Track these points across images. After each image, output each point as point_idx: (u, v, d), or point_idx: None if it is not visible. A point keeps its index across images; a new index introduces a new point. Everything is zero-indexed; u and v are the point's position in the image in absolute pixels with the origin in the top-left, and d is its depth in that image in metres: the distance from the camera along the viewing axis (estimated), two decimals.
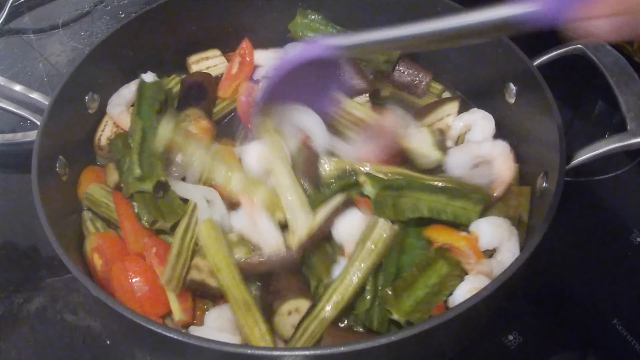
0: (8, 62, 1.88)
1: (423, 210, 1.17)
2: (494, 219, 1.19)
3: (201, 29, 1.60)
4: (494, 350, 1.21)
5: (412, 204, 1.18)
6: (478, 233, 1.17)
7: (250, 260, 1.15)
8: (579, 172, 1.18)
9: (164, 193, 1.27)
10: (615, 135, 1.18)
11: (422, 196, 1.18)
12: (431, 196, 1.18)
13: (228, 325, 1.12)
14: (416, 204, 1.18)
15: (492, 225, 1.17)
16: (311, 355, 0.89)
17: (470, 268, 1.12)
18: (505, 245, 1.16)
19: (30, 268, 1.37)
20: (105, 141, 1.38)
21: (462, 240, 1.15)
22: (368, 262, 1.12)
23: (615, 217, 1.45)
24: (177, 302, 1.13)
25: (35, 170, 1.16)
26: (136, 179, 1.22)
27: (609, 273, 1.34)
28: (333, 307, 1.09)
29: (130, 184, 1.23)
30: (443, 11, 1.48)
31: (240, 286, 1.12)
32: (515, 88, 1.38)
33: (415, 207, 1.18)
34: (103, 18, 2.03)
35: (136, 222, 1.22)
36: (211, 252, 1.15)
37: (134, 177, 1.22)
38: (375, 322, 1.09)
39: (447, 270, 1.11)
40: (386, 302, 1.08)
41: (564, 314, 1.27)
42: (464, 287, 1.10)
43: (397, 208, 1.18)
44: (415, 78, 1.54)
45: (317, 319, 1.09)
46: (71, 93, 1.33)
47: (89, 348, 1.24)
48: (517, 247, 1.17)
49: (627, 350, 1.21)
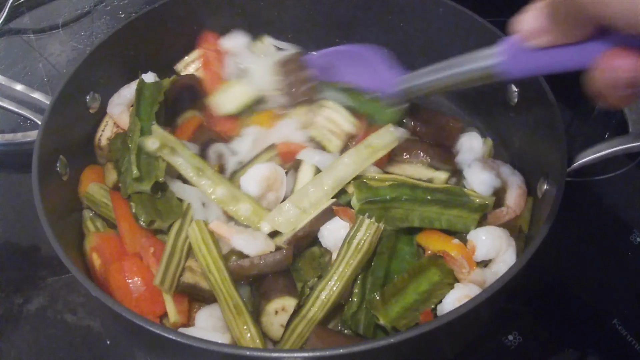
0: (8, 62, 1.88)
1: (414, 221, 1.16)
2: (492, 229, 1.18)
3: (202, 28, 1.60)
4: (494, 350, 1.21)
5: (402, 214, 1.16)
6: (475, 243, 1.16)
7: (242, 263, 1.14)
8: (579, 172, 1.18)
9: (162, 193, 1.26)
10: (617, 138, 1.18)
11: (413, 207, 1.16)
12: (423, 207, 1.16)
13: (219, 324, 1.12)
14: (407, 215, 1.16)
15: (490, 236, 1.16)
16: (310, 356, 0.88)
17: (462, 277, 1.11)
18: (502, 256, 1.16)
19: (30, 268, 1.37)
20: (105, 141, 1.38)
21: (455, 248, 1.14)
22: (354, 261, 1.11)
23: (615, 217, 1.45)
24: (172, 304, 1.13)
25: (35, 170, 1.16)
26: (134, 180, 1.22)
27: (609, 273, 1.34)
28: (320, 307, 1.09)
29: (128, 185, 1.23)
30: (444, 13, 1.48)
31: (230, 289, 1.11)
32: (516, 90, 1.38)
33: (406, 217, 1.16)
34: (103, 18, 2.03)
35: (134, 222, 1.22)
36: (202, 254, 1.15)
37: (132, 178, 1.22)
38: (362, 326, 1.09)
39: (439, 278, 1.10)
40: (373, 307, 1.07)
41: (564, 314, 1.28)
42: (454, 294, 1.08)
43: (386, 218, 1.15)
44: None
45: (305, 319, 1.09)
46: (72, 93, 1.33)
47: (89, 348, 1.24)
48: (513, 258, 1.17)
49: (627, 350, 1.22)
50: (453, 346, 1.17)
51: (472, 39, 1.46)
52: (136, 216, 1.20)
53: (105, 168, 1.33)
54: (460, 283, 1.11)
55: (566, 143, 1.16)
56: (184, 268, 1.16)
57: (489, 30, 1.41)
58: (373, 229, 1.12)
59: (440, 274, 1.11)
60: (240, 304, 1.10)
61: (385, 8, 1.56)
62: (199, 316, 1.15)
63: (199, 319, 1.15)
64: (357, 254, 1.11)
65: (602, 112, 1.67)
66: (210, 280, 1.13)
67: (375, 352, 0.88)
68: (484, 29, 1.41)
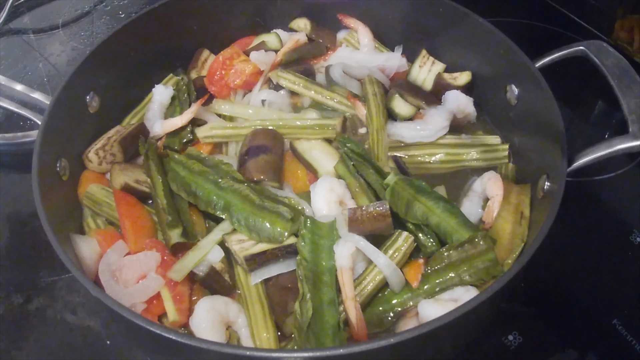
0: (8, 62, 1.88)
1: (432, 223, 1.18)
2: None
3: (202, 28, 1.60)
4: (494, 350, 1.21)
5: (423, 212, 1.18)
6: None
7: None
8: (579, 172, 1.18)
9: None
10: (617, 138, 1.18)
11: (434, 209, 1.18)
12: (443, 214, 1.17)
13: (218, 317, 1.12)
14: (427, 214, 1.18)
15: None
16: (310, 356, 0.89)
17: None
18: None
19: (30, 268, 1.37)
20: (94, 154, 1.35)
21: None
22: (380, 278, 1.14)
23: (615, 217, 1.45)
24: (172, 303, 1.13)
25: (35, 170, 1.16)
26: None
27: (609, 273, 1.34)
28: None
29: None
30: (445, 12, 1.49)
31: (258, 287, 1.15)
32: (517, 90, 1.38)
33: (425, 217, 1.18)
34: (103, 18, 2.03)
35: (137, 222, 1.22)
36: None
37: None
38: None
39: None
40: None
41: (564, 314, 1.28)
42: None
43: (409, 208, 1.19)
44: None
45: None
46: (72, 93, 1.33)
47: (89, 348, 1.24)
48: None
49: (627, 350, 1.22)
50: (453, 346, 1.17)
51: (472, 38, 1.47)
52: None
53: (112, 170, 1.32)
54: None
55: (566, 143, 1.16)
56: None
57: (489, 30, 1.41)
58: (409, 241, 1.15)
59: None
60: (264, 297, 1.13)
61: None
62: (199, 307, 1.13)
63: (198, 309, 1.13)
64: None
65: (602, 112, 1.67)
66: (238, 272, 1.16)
67: (375, 352, 0.88)
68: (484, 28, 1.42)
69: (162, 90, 1.50)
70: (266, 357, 0.89)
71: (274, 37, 1.61)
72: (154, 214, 1.27)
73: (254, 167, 1.28)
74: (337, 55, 1.60)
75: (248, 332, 1.13)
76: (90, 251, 1.20)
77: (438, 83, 1.51)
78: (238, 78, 1.50)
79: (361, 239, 1.15)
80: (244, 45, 1.64)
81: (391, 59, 1.55)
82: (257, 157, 1.29)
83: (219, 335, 1.10)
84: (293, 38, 1.60)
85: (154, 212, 1.27)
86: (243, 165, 1.30)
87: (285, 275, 1.15)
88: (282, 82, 1.49)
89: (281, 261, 1.16)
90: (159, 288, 1.13)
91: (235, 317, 1.14)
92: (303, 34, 1.63)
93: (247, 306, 1.14)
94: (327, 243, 1.15)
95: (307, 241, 1.14)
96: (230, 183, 1.23)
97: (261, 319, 1.12)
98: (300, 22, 1.66)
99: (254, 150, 1.31)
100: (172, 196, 1.26)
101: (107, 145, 1.36)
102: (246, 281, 1.16)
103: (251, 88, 1.52)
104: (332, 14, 1.66)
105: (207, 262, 1.16)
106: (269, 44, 1.60)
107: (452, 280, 1.12)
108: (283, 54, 1.55)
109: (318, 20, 1.67)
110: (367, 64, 1.55)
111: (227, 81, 1.51)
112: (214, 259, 1.17)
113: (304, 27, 1.65)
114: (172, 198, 1.26)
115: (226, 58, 1.53)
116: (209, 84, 1.53)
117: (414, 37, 1.60)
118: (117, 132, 1.39)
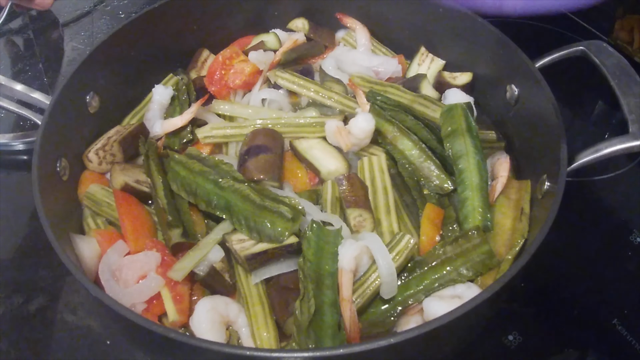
0: (8, 62, 1.88)
1: (460, 168, 1.26)
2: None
3: (202, 28, 1.60)
4: (494, 350, 1.21)
5: (458, 151, 1.28)
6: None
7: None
8: (579, 172, 1.18)
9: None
10: (617, 138, 1.18)
11: (471, 159, 1.26)
12: (475, 178, 1.24)
13: (218, 317, 1.12)
14: (461, 158, 1.27)
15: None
16: (310, 356, 0.89)
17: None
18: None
19: (30, 268, 1.37)
20: (94, 155, 1.36)
21: None
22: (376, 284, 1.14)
23: (615, 217, 1.45)
24: (172, 303, 1.13)
25: (35, 170, 1.16)
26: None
27: (609, 273, 1.34)
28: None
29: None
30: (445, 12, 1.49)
31: (259, 287, 1.15)
32: (517, 90, 1.38)
33: (458, 155, 1.27)
34: (103, 18, 2.03)
35: (137, 222, 1.23)
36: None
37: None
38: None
39: None
40: None
41: (564, 314, 1.28)
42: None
43: (453, 137, 1.28)
44: None
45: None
46: (72, 93, 1.33)
47: (89, 348, 1.24)
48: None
49: (627, 350, 1.22)
50: (453, 346, 1.17)
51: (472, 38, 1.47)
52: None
53: (112, 170, 1.32)
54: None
55: (566, 143, 1.16)
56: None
57: (489, 30, 1.41)
58: (412, 242, 1.16)
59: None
60: (264, 297, 1.14)
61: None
62: (199, 306, 1.13)
63: (199, 309, 1.13)
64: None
65: (602, 112, 1.67)
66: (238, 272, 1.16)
67: (375, 352, 0.88)
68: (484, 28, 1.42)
69: (161, 91, 1.50)
70: (266, 357, 0.89)
71: (273, 36, 1.61)
72: (154, 214, 1.26)
73: (254, 167, 1.28)
74: (334, 54, 1.60)
75: (248, 332, 1.13)
76: (90, 251, 1.20)
77: (438, 81, 1.52)
78: (238, 78, 1.50)
79: (378, 240, 1.15)
80: (243, 45, 1.64)
81: (387, 63, 1.55)
82: (257, 156, 1.29)
83: (219, 335, 1.10)
84: (292, 38, 1.60)
85: (154, 212, 1.27)
86: (243, 165, 1.29)
87: (286, 275, 1.15)
88: (280, 81, 1.48)
89: (282, 261, 1.16)
90: (159, 288, 1.13)
91: (236, 316, 1.14)
92: (301, 34, 1.63)
93: (247, 306, 1.14)
94: (331, 249, 1.15)
95: (312, 244, 1.13)
96: (231, 183, 1.23)
97: (261, 318, 1.12)
98: (298, 22, 1.66)
99: (254, 149, 1.31)
100: (172, 196, 1.26)
101: (107, 146, 1.36)
102: (247, 281, 1.16)
103: (251, 88, 1.52)
104: (331, 13, 1.66)
105: (208, 262, 1.16)
106: (267, 43, 1.60)
107: (450, 274, 1.13)
108: (281, 53, 1.55)
109: (317, 19, 1.67)
110: (362, 63, 1.55)
111: (227, 81, 1.51)
112: (214, 258, 1.17)
113: (302, 27, 1.65)
114: (172, 198, 1.25)
115: (226, 58, 1.53)
116: (208, 84, 1.53)
117: (413, 37, 1.60)
118: (117, 132, 1.39)
